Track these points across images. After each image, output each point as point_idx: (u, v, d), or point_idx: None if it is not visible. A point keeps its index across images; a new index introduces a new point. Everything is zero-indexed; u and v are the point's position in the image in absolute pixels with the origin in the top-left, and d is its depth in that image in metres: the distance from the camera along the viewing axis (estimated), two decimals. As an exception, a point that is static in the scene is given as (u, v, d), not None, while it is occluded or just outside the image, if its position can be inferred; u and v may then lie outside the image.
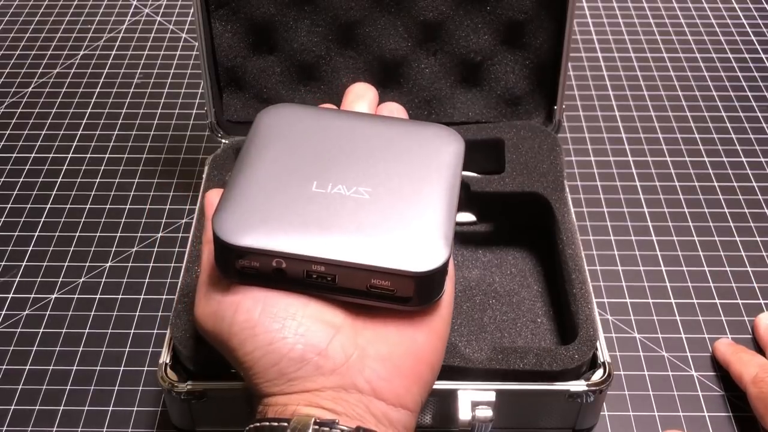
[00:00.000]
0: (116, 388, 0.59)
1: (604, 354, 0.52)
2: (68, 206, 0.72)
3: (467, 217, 0.64)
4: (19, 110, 0.82)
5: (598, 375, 0.52)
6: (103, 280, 0.66)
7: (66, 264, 0.67)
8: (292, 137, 0.41)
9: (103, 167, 0.76)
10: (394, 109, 0.45)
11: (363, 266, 0.36)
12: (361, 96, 0.45)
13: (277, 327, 0.34)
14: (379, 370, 0.35)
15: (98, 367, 0.60)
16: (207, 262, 0.38)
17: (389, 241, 0.36)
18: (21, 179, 0.75)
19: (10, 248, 0.69)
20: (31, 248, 0.69)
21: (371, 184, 0.39)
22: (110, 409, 0.57)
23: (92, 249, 0.68)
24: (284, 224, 0.36)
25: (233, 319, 0.35)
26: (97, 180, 0.75)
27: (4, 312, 0.64)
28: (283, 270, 0.36)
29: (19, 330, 0.62)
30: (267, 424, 0.33)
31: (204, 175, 0.63)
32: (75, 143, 0.78)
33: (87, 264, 0.67)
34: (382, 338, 0.36)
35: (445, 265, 0.36)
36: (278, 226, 0.36)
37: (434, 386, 0.50)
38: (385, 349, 0.35)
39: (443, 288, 0.38)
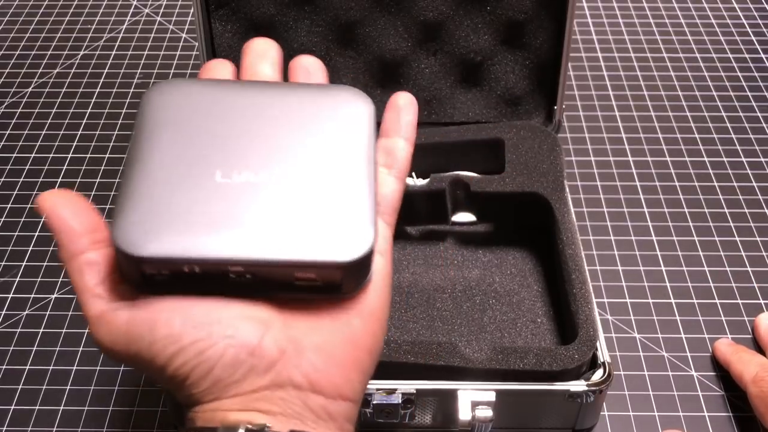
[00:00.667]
0: (116, 388, 0.59)
1: (604, 354, 0.52)
2: (68, 206, 0.72)
3: (467, 217, 0.64)
4: (19, 110, 0.82)
5: (598, 375, 0.52)
6: (103, 280, 0.66)
7: (66, 264, 0.67)
8: (186, 118, 0.36)
9: (103, 167, 0.76)
10: (309, 64, 0.40)
11: (283, 262, 0.32)
12: (262, 55, 0.40)
13: (203, 334, 0.31)
14: (315, 361, 0.32)
15: (98, 367, 0.60)
16: (85, 281, 0.33)
17: (308, 230, 0.33)
18: (21, 179, 0.75)
19: (10, 248, 0.69)
20: (31, 248, 0.69)
21: (281, 166, 0.35)
22: (110, 409, 0.57)
23: (92, 249, 0.68)
24: (191, 225, 0.33)
25: (153, 337, 0.31)
26: (97, 180, 0.75)
27: (4, 312, 0.64)
28: (197, 274, 0.33)
29: (19, 330, 0.62)
30: None
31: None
32: (75, 143, 0.78)
33: (87, 264, 0.67)
34: (316, 328, 0.33)
35: (372, 249, 0.33)
36: (185, 227, 0.32)
37: (434, 386, 0.50)
38: (320, 339, 0.33)
39: (371, 269, 0.35)
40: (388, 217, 0.36)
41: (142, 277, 0.33)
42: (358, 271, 0.34)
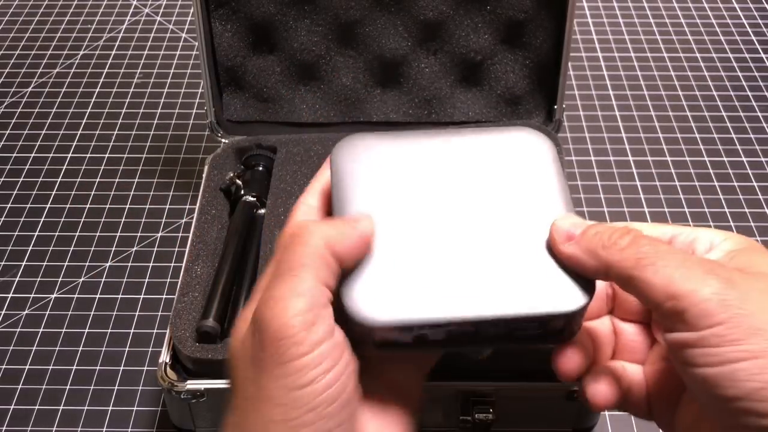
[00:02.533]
0: (116, 387, 0.59)
1: (604, 354, 0.52)
2: (68, 206, 0.72)
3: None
4: (19, 110, 0.82)
5: (598, 375, 0.51)
6: (103, 279, 0.66)
7: (66, 264, 0.67)
8: (383, 177, 0.36)
9: (103, 167, 0.76)
10: None
11: (510, 317, 0.33)
12: None
13: None
14: None
15: (98, 367, 0.60)
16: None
17: (529, 282, 0.33)
18: (21, 179, 0.75)
19: (10, 248, 0.69)
20: (31, 248, 0.68)
21: (487, 217, 0.35)
22: (110, 408, 0.57)
23: (92, 249, 0.68)
24: (419, 288, 0.33)
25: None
26: (97, 180, 0.75)
27: (4, 312, 0.64)
28: (424, 335, 0.33)
29: (19, 330, 0.62)
30: None
31: (204, 175, 0.63)
32: (75, 143, 0.78)
33: (87, 264, 0.67)
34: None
35: (593, 295, 0.33)
36: (414, 292, 0.33)
37: (434, 386, 0.50)
38: None
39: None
40: None
41: (373, 343, 0.33)
42: (580, 317, 0.34)
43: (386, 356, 0.34)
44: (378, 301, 0.32)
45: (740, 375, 0.29)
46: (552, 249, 0.34)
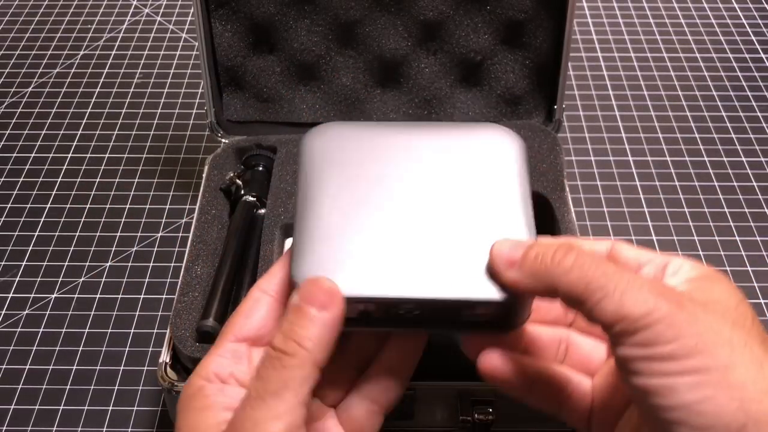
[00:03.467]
0: (116, 387, 0.59)
1: (604, 353, 0.52)
2: (68, 206, 0.72)
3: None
4: (19, 110, 0.82)
5: (598, 374, 0.52)
6: (103, 279, 0.66)
7: (66, 263, 0.67)
8: (348, 161, 0.39)
9: (103, 167, 0.76)
10: None
11: (452, 301, 0.34)
12: None
13: None
14: None
15: (98, 367, 0.60)
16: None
17: (472, 269, 0.35)
18: (21, 179, 0.75)
19: (10, 248, 0.69)
20: (31, 248, 0.69)
21: (443, 206, 0.37)
22: (110, 408, 0.57)
23: (92, 249, 0.68)
24: (367, 267, 0.35)
25: None
26: (97, 180, 0.75)
27: (4, 312, 0.64)
28: (370, 312, 0.35)
29: (19, 330, 0.62)
30: None
31: (204, 175, 0.63)
32: (75, 143, 0.78)
33: (87, 264, 0.67)
34: None
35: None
36: (361, 269, 0.35)
37: (434, 386, 0.50)
38: None
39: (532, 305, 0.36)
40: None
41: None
42: (522, 309, 0.36)
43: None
44: (324, 276, 0.34)
45: (681, 387, 0.30)
46: (495, 276, 0.35)
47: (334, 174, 0.38)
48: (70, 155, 0.77)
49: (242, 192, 0.61)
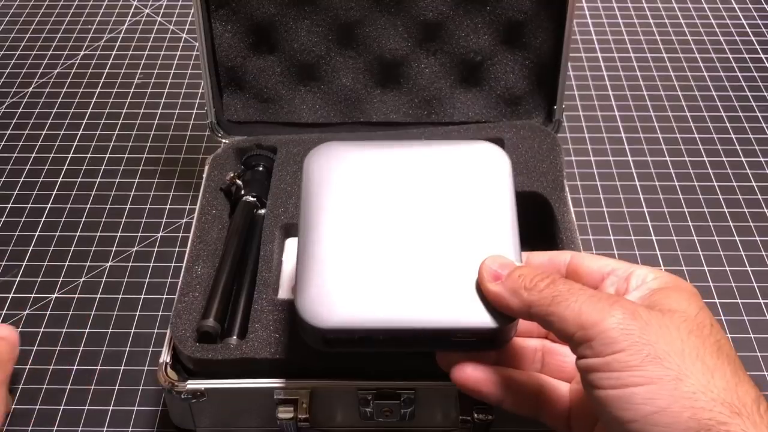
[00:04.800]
0: (116, 387, 0.59)
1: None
2: (68, 206, 0.72)
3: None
4: (19, 110, 0.82)
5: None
6: (104, 279, 0.66)
7: (66, 264, 0.67)
8: (345, 186, 0.40)
9: (103, 167, 0.76)
10: None
11: (446, 330, 0.37)
12: None
13: None
14: None
15: (98, 367, 0.60)
16: None
17: (467, 296, 0.37)
18: (21, 179, 0.75)
19: (10, 248, 0.69)
20: (31, 248, 0.69)
21: (434, 232, 0.39)
22: (110, 408, 0.57)
23: (92, 249, 0.68)
24: (368, 298, 0.37)
25: None
26: (98, 180, 0.75)
27: (4, 312, 0.64)
28: (368, 338, 0.37)
29: (19, 329, 0.62)
30: None
31: (204, 175, 0.63)
32: (75, 143, 0.78)
33: (87, 264, 0.67)
34: None
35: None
36: (363, 301, 0.37)
37: (434, 386, 0.50)
38: None
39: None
40: None
41: (324, 342, 0.37)
42: (510, 331, 0.38)
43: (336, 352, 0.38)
44: (326, 308, 0.36)
45: (636, 399, 0.32)
46: (479, 284, 0.38)
47: (331, 201, 0.39)
48: (70, 155, 0.77)
49: (242, 192, 0.61)
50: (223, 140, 0.67)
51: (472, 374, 0.39)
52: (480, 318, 0.37)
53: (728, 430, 0.30)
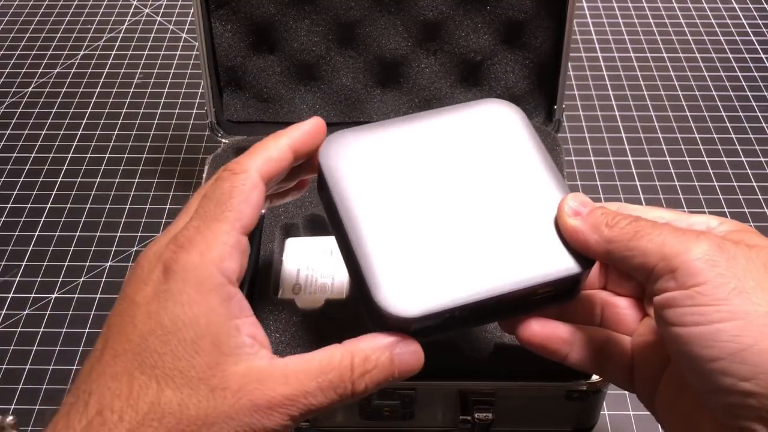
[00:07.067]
0: (116, 387, 0.59)
1: (604, 353, 0.52)
2: (68, 206, 0.72)
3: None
4: (19, 110, 0.82)
5: (598, 374, 0.52)
6: (104, 279, 0.66)
7: (66, 263, 0.67)
8: (373, 172, 0.38)
9: (103, 167, 0.76)
10: None
11: (530, 287, 0.35)
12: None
13: None
14: None
15: (98, 367, 0.60)
16: None
17: (538, 251, 0.36)
18: (21, 179, 0.75)
19: (10, 248, 0.69)
20: (31, 248, 0.69)
21: (479, 196, 0.37)
22: (110, 408, 0.57)
23: (92, 249, 0.68)
24: (445, 276, 0.35)
25: None
26: (98, 180, 0.75)
27: (4, 312, 0.64)
28: (454, 317, 0.35)
29: (19, 330, 0.62)
30: None
31: (204, 175, 0.63)
32: (75, 143, 0.78)
33: (87, 264, 0.67)
34: None
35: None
36: (441, 281, 0.35)
37: (434, 385, 0.50)
38: None
39: None
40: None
41: (413, 332, 0.35)
42: (585, 277, 0.37)
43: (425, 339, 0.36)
44: (407, 296, 0.34)
45: (722, 336, 0.30)
46: (558, 221, 0.36)
47: (365, 190, 0.37)
48: (70, 155, 0.77)
49: (242, 192, 0.61)
50: (223, 140, 0.67)
51: (540, 331, 0.38)
52: (561, 266, 0.35)
53: None
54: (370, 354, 0.33)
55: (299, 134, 0.38)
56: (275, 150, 0.37)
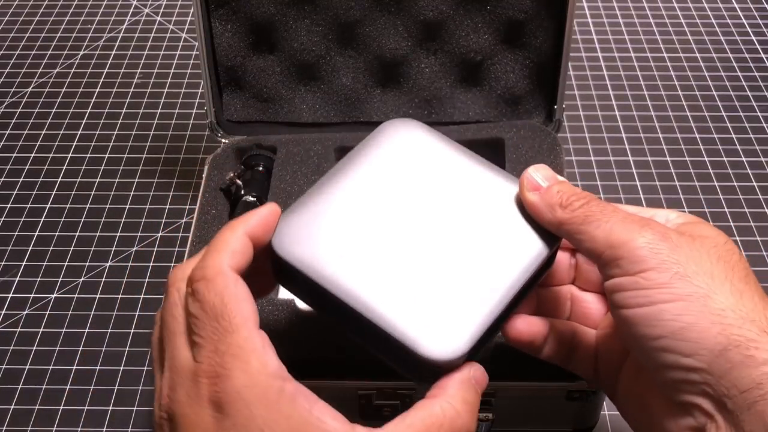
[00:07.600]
0: (116, 387, 0.59)
1: (604, 353, 0.52)
2: (68, 206, 0.72)
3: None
4: (19, 110, 0.82)
5: (598, 374, 0.52)
6: (103, 279, 0.66)
7: (66, 263, 0.67)
8: (336, 240, 0.37)
9: (103, 167, 0.76)
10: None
11: (535, 270, 0.36)
12: None
13: None
14: None
15: (98, 367, 0.60)
16: None
17: (523, 235, 0.37)
18: (21, 179, 0.75)
19: (10, 248, 0.69)
20: (31, 248, 0.69)
21: (437, 213, 0.37)
22: (110, 408, 0.57)
23: (92, 249, 0.68)
24: (458, 303, 0.34)
25: None
26: (97, 180, 0.75)
27: (4, 312, 0.64)
28: (488, 331, 0.35)
29: (19, 330, 0.62)
30: None
31: (204, 175, 0.63)
32: (75, 143, 0.78)
33: (87, 264, 0.67)
34: None
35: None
36: (458, 309, 0.34)
37: (434, 386, 0.50)
38: None
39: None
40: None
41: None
42: (556, 253, 0.39)
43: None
44: (445, 336, 0.34)
45: (665, 315, 0.32)
46: (520, 194, 0.38)
47: (340, 259, 0.36)
48: (70, 155, 0.77)
49: (242, 192, 0.61)
50: (223, 140, 0.67)
51: (527, 329, 0.39)
52: (547, 240, 0.37)
53: (758, 347, 0.30)
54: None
55: (256, 221, 0.35)
56: (236, 242, 0.34)
